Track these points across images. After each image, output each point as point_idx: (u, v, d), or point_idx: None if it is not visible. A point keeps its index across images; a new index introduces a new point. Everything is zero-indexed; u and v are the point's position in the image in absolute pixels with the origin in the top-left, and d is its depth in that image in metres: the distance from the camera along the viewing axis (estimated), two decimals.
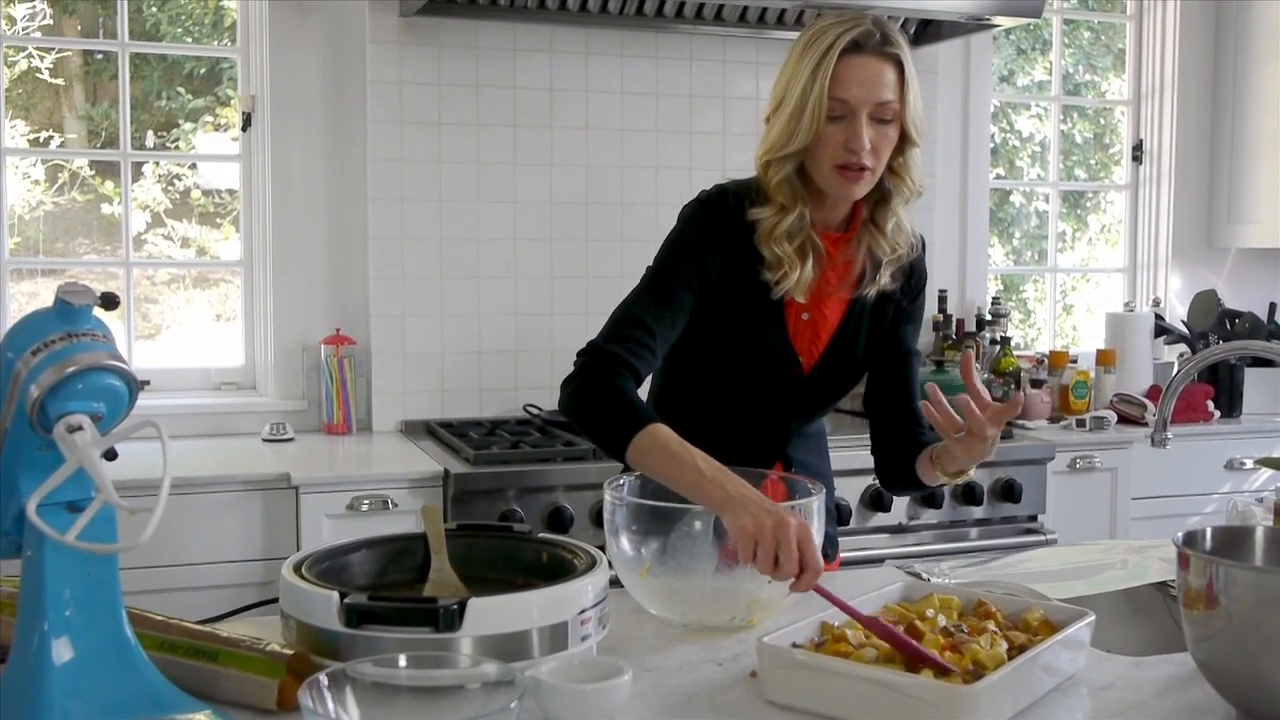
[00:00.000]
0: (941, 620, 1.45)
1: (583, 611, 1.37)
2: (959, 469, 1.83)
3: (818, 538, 1.60)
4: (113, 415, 1.19)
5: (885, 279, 1.87)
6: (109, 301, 1.22)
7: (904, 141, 1.79)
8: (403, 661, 1.20)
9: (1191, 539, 1.33)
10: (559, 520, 2.82)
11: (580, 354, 1.77)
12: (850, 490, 3.06)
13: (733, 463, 1.72)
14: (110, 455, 1.20)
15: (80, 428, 1.15)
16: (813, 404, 1.95)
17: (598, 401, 1.70)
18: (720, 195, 1.86)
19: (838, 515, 3.03)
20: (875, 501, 3.09)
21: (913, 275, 1.94)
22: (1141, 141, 4.46)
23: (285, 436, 3.26)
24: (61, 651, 1.15)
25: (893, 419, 2.00)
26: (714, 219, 1.83)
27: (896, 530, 3.14)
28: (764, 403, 1.90)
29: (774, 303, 1.84)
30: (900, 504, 3.13)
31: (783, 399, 1.91)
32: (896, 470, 1.99)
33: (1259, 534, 1.38)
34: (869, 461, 3.04)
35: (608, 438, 1.68)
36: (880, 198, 1.84)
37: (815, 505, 1.59)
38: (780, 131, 1.76)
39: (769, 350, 1.86)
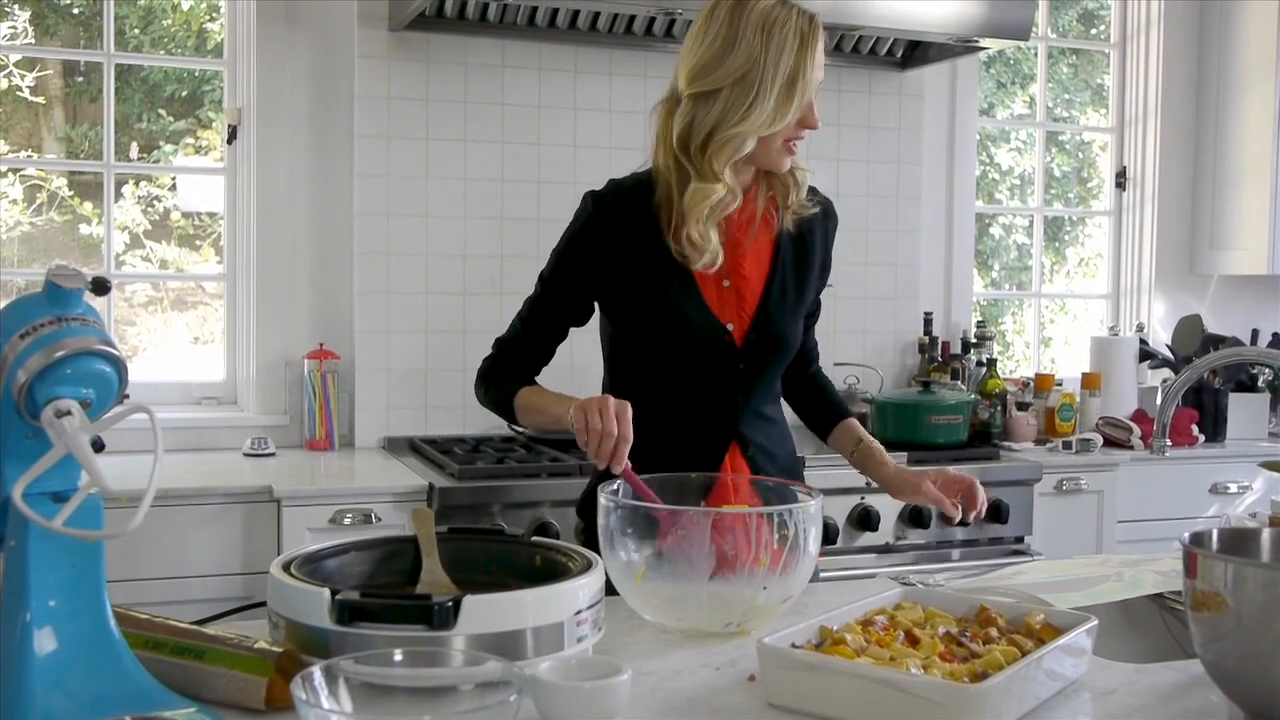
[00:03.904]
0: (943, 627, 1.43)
1: (578, 612, 1.34)
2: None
3: (814, 546, 1.58)
4: (102, 402, 1.16)
5: (794, 202, 1.91)
6: (100, 286, 1.19)
7: None
8: (398, 657, 1.17)
9: (1198, 539, 1.31)
10: (544, 536, 2.78)
11: (493, 347, 2.04)
12: (837, 509, 3.04)
13: (688, 443, 1.90)
14: (98, 446, 1.17)
15: (69, 413, 1.12)
16: (755, 375, 1.93)
17: (490, 395, 2.00)
18: (604, 194, 1.93)
19: (824, 534, 3.02)
20: (862, 521, 3.07)
21: (830, 215, 2.00)
22: (1125, 168, 4.48)
23: (266, 451, 3.22)
24: (44, 642, 1.12)
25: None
26: (595, 220, 1.91)
27: (884, 550, 3.12)
28: (704, 379, 1.91)
29: (683, 276, 1.86)
30: (888, 524, 3.11)
31: (721, 372, 1.91)
32: (791, 394, 2.15)
33: (1265, 535, 1.37)
34: (857, 480, 3.03)
35: (506, 415, 1.98)
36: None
37: (815, 507, 1.57)
38: (772, 105, 1.76)
39: (691, 323, 1.87)
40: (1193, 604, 1.26)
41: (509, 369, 2.00)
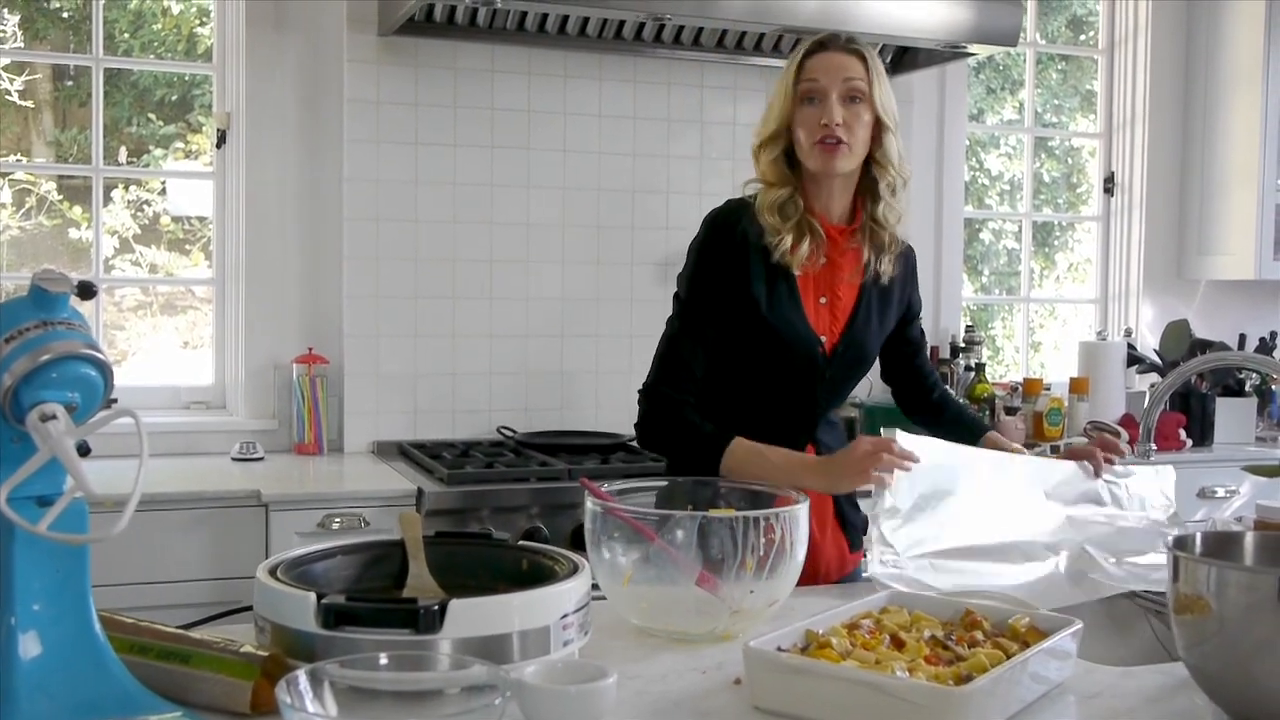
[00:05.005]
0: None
1: (564, 616, 1.34)
2: None
3: (800, 549, 1.59)
4: (87, 406, 1.16)
5: (886, 263, 2.08)
6: (85, 290, 1.19)
7: (879, 129, 2.02)
8: (383, 661, 1.17)
9: (1182, 543, 1.32)
10: (534, 540, 2.77)
11: (640, 394, 2.06)
12: None
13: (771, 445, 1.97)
14: (83, 450, 1.17)
15: (54, 417, 1.12)
16: (837, 384, 2.12)
17: (677, 436, 2.01)
18: (721, 212, 2.08)
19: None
20: None
21: (909, 256, 2.19)
22: (1113, 174, 4.50)
23: (255, 455, 3.21)
24: (29, 646, 1.12)
25: (907, 378, 2.31)
26: (716, 236, 2.04)
27: None
28: (793, 386, 2.06)
29: (790, 288, 2.02)
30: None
31: (810, 381, 2.06)
32: (926, 419, 2.31)
33: (1249, 538, 1.38)
34: None
35: (697, 459, 1.96)
36: (871, 188, 2.07)
37: (800, 511, 1.58)
38: (764, 121, 2.06)
39: (793, 331, 2.02)
40: (1176, 607, 1.26)
41: (686, 404, 2.02)
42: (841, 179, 2.03)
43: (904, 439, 1.85)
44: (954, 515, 1.85)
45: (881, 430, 1.88)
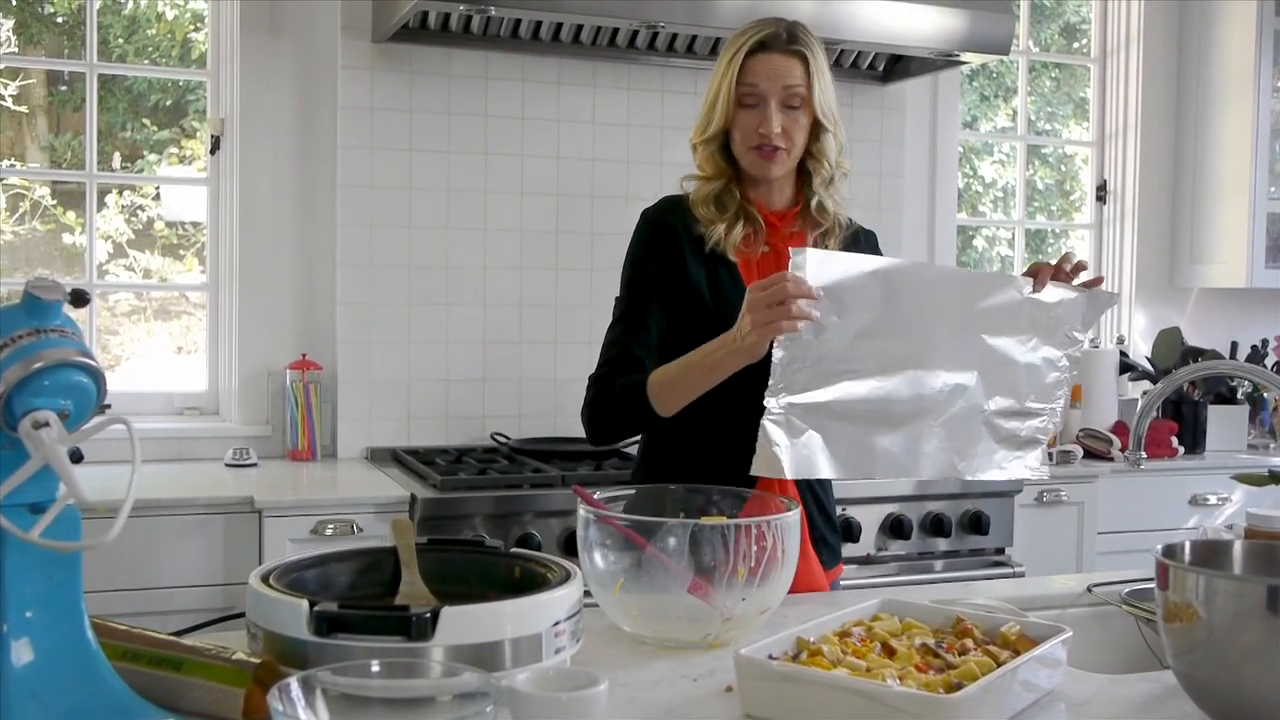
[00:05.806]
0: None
1: (556, 623, 1.34)
2: None
3: (793, 557, 1.59)
4: (80, 413, 1.16)
5: (832, 244, 2.08)
6: (79, 298, 1.19)
7: (817, 128, 2.02)
8: (376, 668, 1.17)
9: (1171, 552, 1.33)
10: (526, 547, 2.78)
11: (588, 387, 2.06)
12: None
13: (733, 439, 1.92)
14: (76, 457, 1.17)
15: (46, 424, 1.12)
16: None
17: (610, 407, 2.01)
18: (653, 207, 2.13)
19: (846, 531, 3.01)
20: (843, 533, 3.08)
21: (860, 239, 2.16)
22: (1106, 182, 4.51)
23: (248, 461, 3.21)
24: (21, 653, 1.12)
25: None
26: (650, 231, 2.10)
27: (865, 561, 3.13)
28: (750, 374, 1.91)
29: (732, 275, 2.02)
30: (869, 535, 3.12)
31: (764, 367, 1.91)
32: None
33: (1238, 547, 1.38)
34: (840, 490, 3.04)
35: (634, 416, 1.98)
36: (808, 180, 2.07)
37: (793, 518, 1.58)
38: (702, 119, 2.05)
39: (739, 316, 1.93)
40: (1165, 615, 1.27)
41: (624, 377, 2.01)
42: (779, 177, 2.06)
43: (808, 260, 1.72)
44: (858, 344, 1.77)
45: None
